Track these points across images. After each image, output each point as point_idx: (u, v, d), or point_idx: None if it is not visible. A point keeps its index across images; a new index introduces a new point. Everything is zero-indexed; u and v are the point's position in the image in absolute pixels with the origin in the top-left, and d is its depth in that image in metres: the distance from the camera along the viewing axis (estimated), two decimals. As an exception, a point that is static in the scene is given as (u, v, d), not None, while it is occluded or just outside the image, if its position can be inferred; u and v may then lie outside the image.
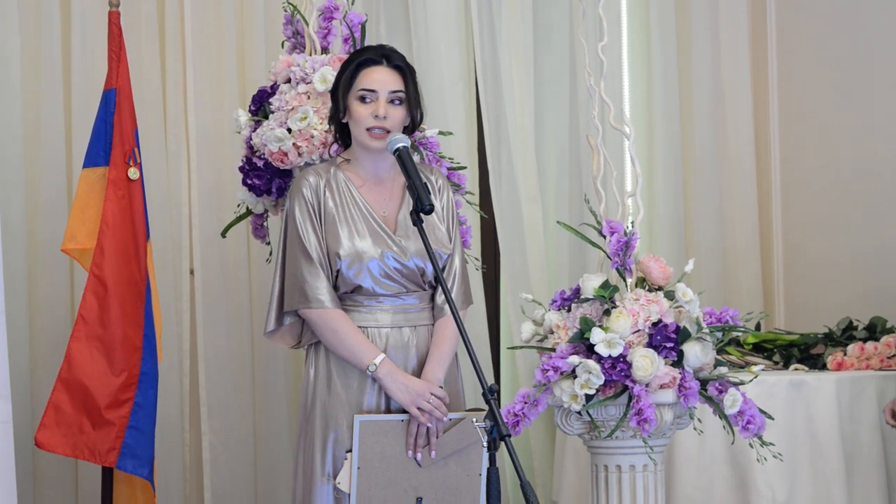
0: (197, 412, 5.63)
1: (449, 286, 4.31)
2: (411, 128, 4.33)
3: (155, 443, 5.01)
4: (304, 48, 5.02)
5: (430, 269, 4.27)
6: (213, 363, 5.63)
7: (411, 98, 4.30)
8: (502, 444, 3.69)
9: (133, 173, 4.99)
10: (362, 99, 4.26)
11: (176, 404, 5.58)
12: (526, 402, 4.47)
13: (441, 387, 4.25)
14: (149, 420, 4.91)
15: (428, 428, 4.20)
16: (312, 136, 4.80)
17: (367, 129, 4.24)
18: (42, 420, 4.87)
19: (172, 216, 5.63)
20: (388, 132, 4.23)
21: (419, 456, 4.20)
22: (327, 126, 4.48)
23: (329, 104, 4.43)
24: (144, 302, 4.95)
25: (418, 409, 4.18)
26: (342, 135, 4.37)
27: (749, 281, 6.65)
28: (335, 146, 4.50)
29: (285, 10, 5.08)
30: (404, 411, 4.21)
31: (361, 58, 4.30)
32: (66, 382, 4.87)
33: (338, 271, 4.23)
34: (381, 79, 4.27)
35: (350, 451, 4.18)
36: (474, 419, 4.00)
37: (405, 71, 4.30)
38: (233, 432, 5.65)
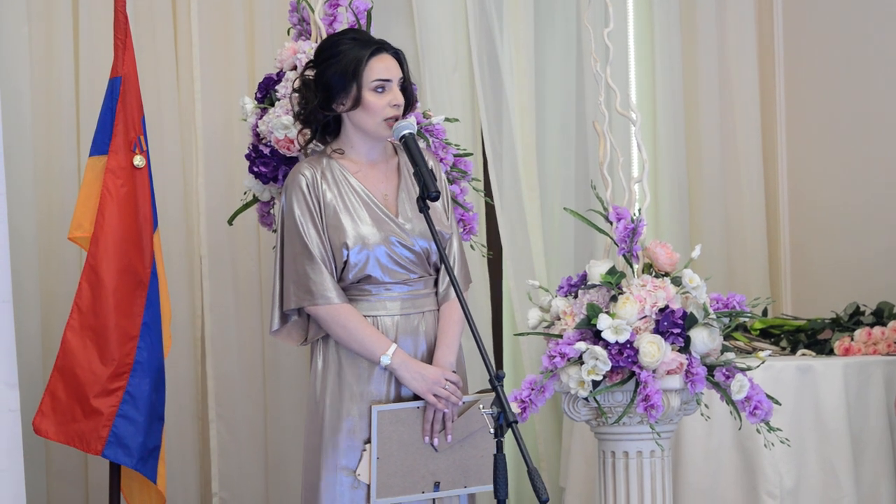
0: (205, 400, 5.63)
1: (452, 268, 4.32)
2: (405, 110, 4.32)
3: (165, 432, 5.00)
4: (310, 35, 5.02)
5: (434, 250, 4.27)
6: (221, 351, 5.63)
7: (408, 82, 4.31)
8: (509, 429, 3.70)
9: (139, 161, 4.98)
10: (376, 89, 4.24)
11: (190, 392, 5.58)
12: (533, 389, 4.47)
13: (454, 371, 4.26)
14: (140, 410, 4.88)
15: (444, 413, 4.21)
16: (318, 124, 4.79)
17: (385, 119, 4.23)
18: (40, 406, 4.89)
19: (187, 203, 5.63)
20: (397, 118, 4.24)
21: (436, 441, 4.21)
22: (303, 119, 4.35)
23: None
24: (147, 291, 4.94)
25: (435, 395, 4.19)
26: (325, 127, 4.31)
27: (756, 266, 6.65)
28: (301, 137, 4.40)
29: (291, -3, 5.08)
30: (417, 398, 4.22)
31: (370, 48, 4.26)
32: (61, 371, 4.88)
33: (345, 262, 4.23)
34: (390, 67, 4.26)
35: (368, 441, 4.18)
36: (481, 406, 4.01)
37: (401, 55, 4.32)
38: (242, 420, 5.65)
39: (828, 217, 6.54)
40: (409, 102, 4.31)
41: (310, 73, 4.31)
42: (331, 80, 4.25)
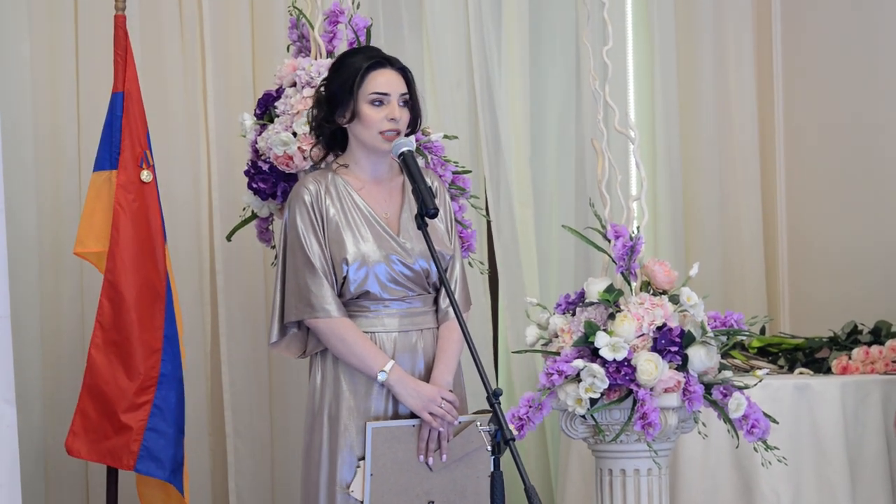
0: (220, 414, 5.62)
1: (452, 289, 4.31)
2: (412, 130, 4.33)
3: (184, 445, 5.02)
4: (310, 52, 5.03)
5: (434, 271, 4.28)
6: (236, 365, 5.62)
7: (414, 100, 4.31)
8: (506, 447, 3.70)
9: (146, 176, 4.99)
10: (373, 102, 4.25)
11: (200, 406, 5.58)
12: (531, 406, 4.47)
13: (451, 390, 4.26)
14: (169, 422, 4.89)
15: (439, 432, 4.20)
16: (317, 140, 4.80)
17: (381, 132, 4.24)
18: (71, 427, 4.90)
19: (196, 218, 5.64)
20: (398, 134, 4.25)
21: (430, 460, 4.21)
22: (315, 132, 4.39)
23: None
24: (165, 303, 4.95)
25: (430, 414, 4.19)
26: (332, 139, 4.35)
27: (753, 284, 6.65)
28: (316, 150, 4.45)
29: (291, 14, 5.09)
30: (413, 416, 4.21)
31: (370, 61, 4.28)
32: (89, 389, 4.89)
33: (344, 278, 4.23)
34: (391, 81, 4.27)
35: (362, 458, 4.18)
36: (479, 423, 4.01)
37: (408, 73, 4.32)
38: (257, 435, 5.65)
39: (826, 235, 6.54)
40: (414, 122, 4.32)
41: (323, 87, 4.35)
42: (333, 92, 4.28)
